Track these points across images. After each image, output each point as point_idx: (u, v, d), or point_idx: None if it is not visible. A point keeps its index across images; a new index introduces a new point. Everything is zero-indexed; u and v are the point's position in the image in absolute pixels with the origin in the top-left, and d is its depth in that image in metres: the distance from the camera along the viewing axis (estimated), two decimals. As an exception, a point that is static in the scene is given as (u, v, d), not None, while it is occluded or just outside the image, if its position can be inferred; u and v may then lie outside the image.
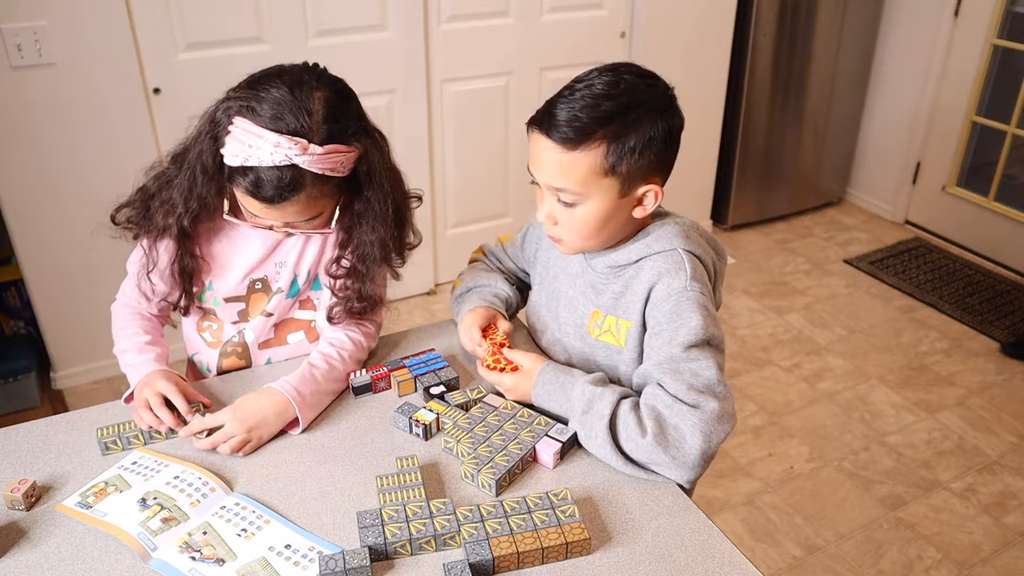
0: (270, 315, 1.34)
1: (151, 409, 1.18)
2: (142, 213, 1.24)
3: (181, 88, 2.41)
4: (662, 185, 1.13)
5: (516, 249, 1.44)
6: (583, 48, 3.05)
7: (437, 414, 1.19)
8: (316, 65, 1.19)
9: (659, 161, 1.11)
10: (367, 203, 1.23)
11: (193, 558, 1.00)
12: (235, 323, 1.35)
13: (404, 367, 1.31)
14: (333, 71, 1.20)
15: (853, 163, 3.93)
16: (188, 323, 1.39)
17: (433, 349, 1.36)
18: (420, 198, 1.38)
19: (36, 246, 2.40)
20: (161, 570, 0.98)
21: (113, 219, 1.26)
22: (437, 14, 2.74)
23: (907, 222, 3.78)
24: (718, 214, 3.71)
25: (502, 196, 3.18)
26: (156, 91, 2.40)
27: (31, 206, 2.35)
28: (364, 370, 1.31)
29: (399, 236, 1.32)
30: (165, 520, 1.04)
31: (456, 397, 1.24)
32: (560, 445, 1.12)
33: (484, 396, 1.23)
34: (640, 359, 1.19)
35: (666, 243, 1.16)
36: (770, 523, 2.16)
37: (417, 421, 1.18)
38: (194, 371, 1.43)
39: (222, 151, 1.14)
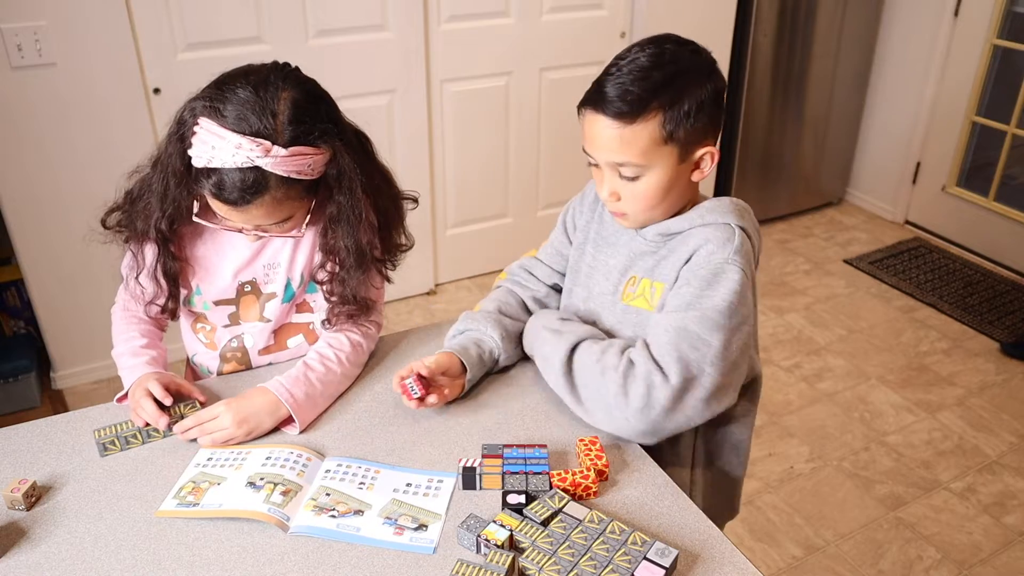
0: (268, 321, 1.33)
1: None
2: (129, 217, 1.24)
3: (181, 88, 2.36)
4: (715, 145, 1.15)
5: (552, 248, 1.39)
6: (583, 48, 3.05)
7: (511, 530, 1.00)
8: (287, 65, 1.16)
9: (711, 122, 1.13)
10: (338, 207, 1.20)
11: (333, 516, 1.02)
12: (227, 326, 1.34)
13: (500, 456, 1.12)
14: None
15: (853, 163, 3.93)
16: (184, 325, 1.39)
17: (545, 446, 1.14)
18: (416, 200, 1.36)
19: (36, 246, 2.40)
20: (309, 533, 1.01)
21: (104, 223, 1.25)
22: (437, 14, 2.74)
23: (907, 222, 3.78)
24: (718, 214, 3.71)
25: (502, 196, 3.18)
26: (156, 91, 2.40)
27: (31, 206, 2.35)
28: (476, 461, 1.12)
29: (387, 239, 1.31)
30: (284, 493, 1.06)
31: (537, 510, 1.03)
32: (664, 572, 0.95)
33: (565, 505, 1.04)
34: None
35: (719, 216, 1.16)
36: (770, 523, 2.16)
37: (488, 540, 0.98)
38: (194, 373, 1.42)
39: (189, 152, 1.12)
